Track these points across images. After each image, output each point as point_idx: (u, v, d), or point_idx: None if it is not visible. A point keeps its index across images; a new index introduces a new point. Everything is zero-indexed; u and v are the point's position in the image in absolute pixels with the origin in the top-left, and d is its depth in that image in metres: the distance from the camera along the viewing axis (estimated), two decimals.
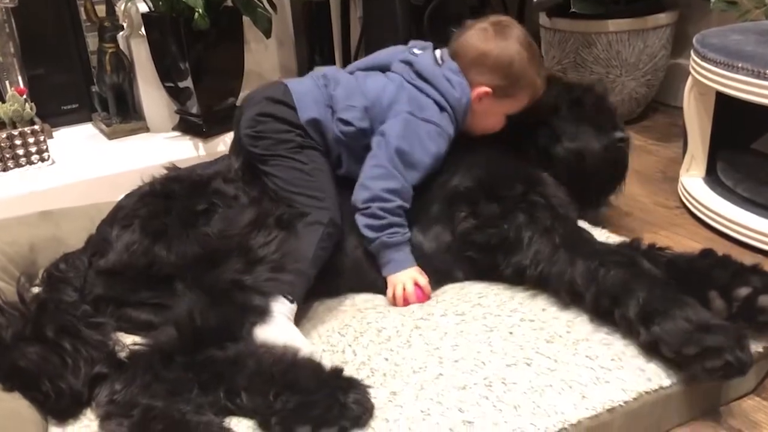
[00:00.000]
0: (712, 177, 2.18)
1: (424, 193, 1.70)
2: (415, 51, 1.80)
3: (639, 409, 1.27)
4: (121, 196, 1.68)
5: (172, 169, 1.75)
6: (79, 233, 1.73)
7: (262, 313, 1.40)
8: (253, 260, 1.44)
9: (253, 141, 1.69)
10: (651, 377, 1.31)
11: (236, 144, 1.77)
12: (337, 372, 1.28)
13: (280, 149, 1.67)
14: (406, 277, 1.61)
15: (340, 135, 1.69)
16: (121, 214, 1.58)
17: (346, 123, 1.68)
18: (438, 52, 1.80)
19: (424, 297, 1.60)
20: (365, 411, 1.22)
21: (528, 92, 1.74)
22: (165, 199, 1.58)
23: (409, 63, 1.77)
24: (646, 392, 1.28)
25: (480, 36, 1.73)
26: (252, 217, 1.52)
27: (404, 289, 1.59)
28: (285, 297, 1.46)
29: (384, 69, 1.81)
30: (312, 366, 1.28)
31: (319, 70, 1.82)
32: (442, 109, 1.71)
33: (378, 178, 1.64)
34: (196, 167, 1.78)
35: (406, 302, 1.59)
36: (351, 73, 1.81)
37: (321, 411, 1.19)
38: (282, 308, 1.45)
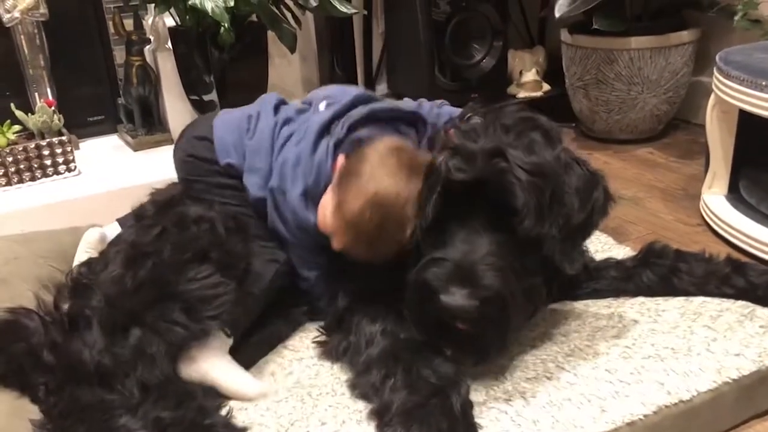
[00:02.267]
0: (734, 195, 2.17)
1: None
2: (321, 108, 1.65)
3: (659, 422, 1.27)
4: None
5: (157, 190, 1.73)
6: None
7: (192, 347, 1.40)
8: (187, 297, 1.40)
9: (188, 183, 1.66)
10: (671, 391, 1.31)
11: None
12: None
13: (215, 194, 1.62)
14: None
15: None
16: (114, 240, 1.62)
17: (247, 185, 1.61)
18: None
19: None
20: None
21: (343, 229, 1.49)
22: (137, 220, 1.60)
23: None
24: (666, 406, 1.28)
25: None
26: (202, 245, 1.46)
27: None
28: (223, 331, 1.45)
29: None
30: None
31: (249, 109, 1.70)
32: (307, 205, 1.59)
33: None
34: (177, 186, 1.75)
35: None
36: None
37: None
38: (217, 342, 1.44)
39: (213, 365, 1.41)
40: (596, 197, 1.39)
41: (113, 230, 1.75)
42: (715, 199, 2.18)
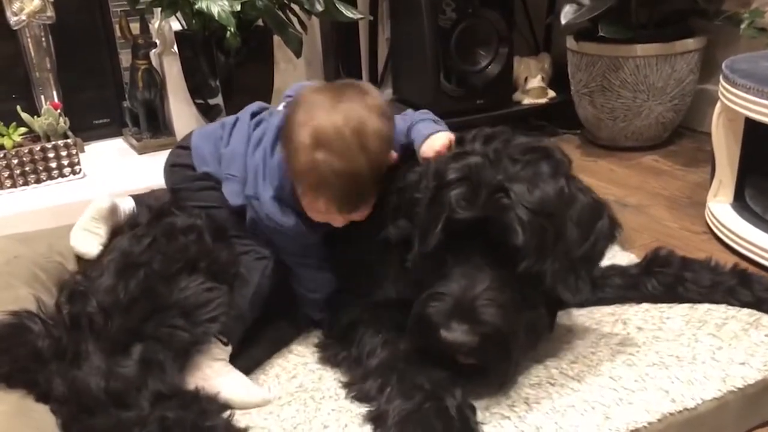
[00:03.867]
0: (740, 203, 2.16)
1: None
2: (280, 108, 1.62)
3: (663, 430, 1.27)
4: None
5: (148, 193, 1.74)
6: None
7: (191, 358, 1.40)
8: (182, 304, 1.40)
9: (176, 194, 1.65)
10: (675, 398, 1.30)
11: None
12: None
13: (197, 198, 1.60)
14: None
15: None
16: (107, 249, 1.61)
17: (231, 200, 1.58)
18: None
19: None
20: None
21: (303, 189, 1.44)
22: (130, 228, 1.59)
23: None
24: (671, 414, 1.28)
25: None
26: (190, 256, 1.47)
27: None
28: (219, 339, 1.44)
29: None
30: None
31: (229, 120, 1.66)
32: (281, 206, 1.56)
33: None
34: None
35: None
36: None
37: None
38: (217, 352, 1.44)
39: (215, 375, 1.41)
40: (600, 227, 1.38)
41: (127, 204, 1.74)
42: (720, 208, 2.17)
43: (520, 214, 1.26)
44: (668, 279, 1.65)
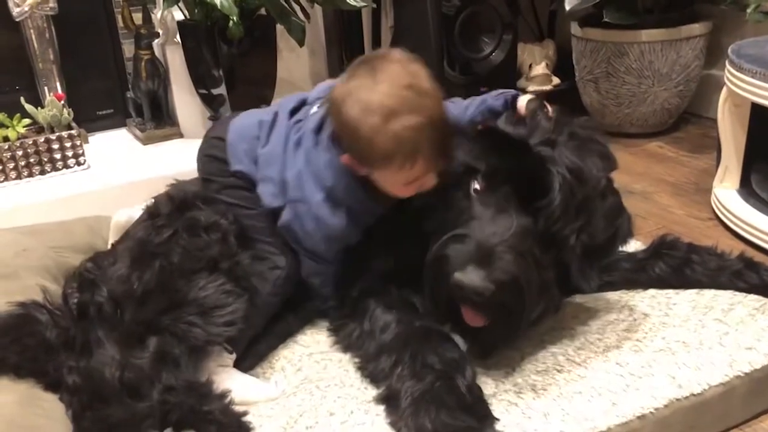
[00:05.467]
0: (746, 189, 2.15)
1: None
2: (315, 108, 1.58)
3: (670, 416, 1.27)
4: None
5: (174, 185, 1.71)
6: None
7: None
8: (201, 303, 1.40)
9: (203, 182, 1.65)
10: (682, 384, 1.30)
11: None
12: None
13: (225, 195, 1.60)
14: None
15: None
16: (123, 236, 1.60)
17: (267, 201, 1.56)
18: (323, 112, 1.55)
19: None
20: None
21: (387, 166, 1.37)
22: (150, 218, 1.56)
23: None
24: (677, 399, 1.28)
25: None
26: (212, 255, 1.46)
27: None
28: (224, 347, 1.43)
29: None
30: None
31: (264, 117, 1.63)
32: (333, 204, 1.52)
33: None
34: (196, 183, 1.72)
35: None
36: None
37: None
38: (224, 359, 1.44)
39: (222, 375, 1.42)
40: (620, 223, 1.42)
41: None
42: (726, 194, 2.17)
43: (559, 169, 1.29)
44: (675, 261, 1.65)
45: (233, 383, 1.41)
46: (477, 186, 1.36)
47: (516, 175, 1.32)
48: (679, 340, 1.44)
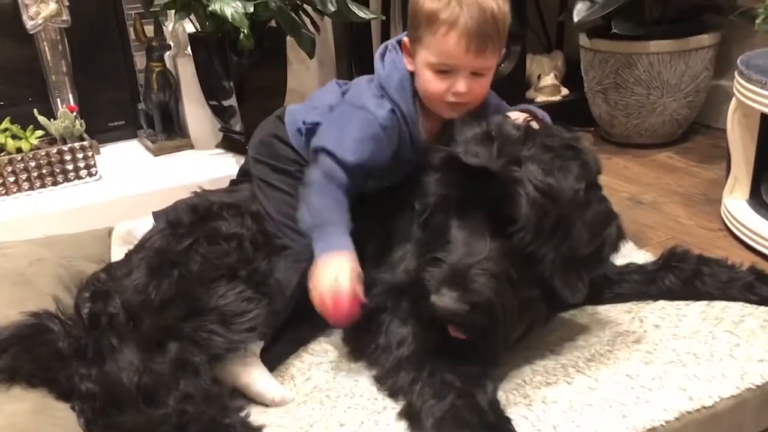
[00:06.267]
0: (756, 199, 2.15)
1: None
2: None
3: (681, 429, 1.26)
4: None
5: (199, 194, 1.73)
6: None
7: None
8: (222, 310, 1.41)
9: (255, 164, 1.69)
10: (693, 396, 1.30)
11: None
12: None
13: (273, 178, 1.64)
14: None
15: (305, 139, 1.63)
16: (137, 246, 1.61)
17: (304, 124, 1.64)
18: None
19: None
20: None
21: (430, 29, 1.44)
22: (171, 229, 1.56)
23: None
24: (688, 412, 1.27)
25: None
26: (231, 263, 1.48)
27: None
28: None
29: None
30: None
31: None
32: (381, 96, 1.55)
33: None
34: (221, 193, 1.76)
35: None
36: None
37: None
38: (252, 347, 1.45)
39: (246, 369, 1.43)
40: (608, 233, 1.40)
41: (146, 223, 1.76)
42: (736, 204, 2.16)
43: (526, 189, 1.27)
44: (685, 274, 1.64)
45: (259, 375, 1.43)
46: (453, 212, 1.36)
47: (485, 200, 1.31)
48: (689, 351, 1.44)
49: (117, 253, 1.80)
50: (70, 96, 2.84)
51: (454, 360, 1.34)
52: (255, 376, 1.43)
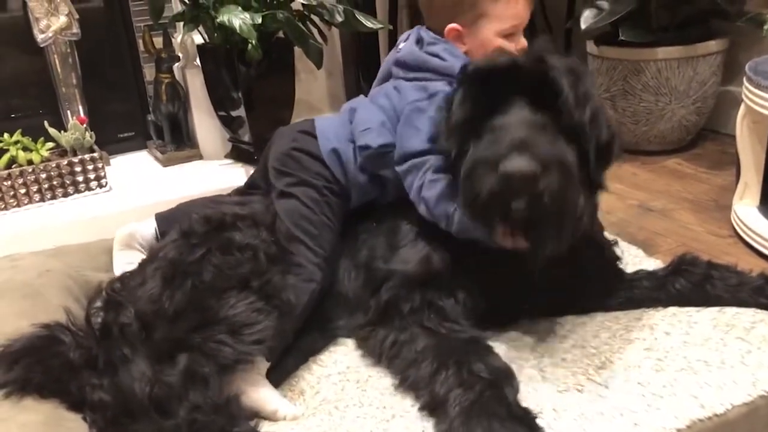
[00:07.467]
0: (766, 206, 2.14)
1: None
2: (400, 46, 1.74)
3: None
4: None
5: (204, 200, 1.75)
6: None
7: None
8: (231, 321, 1.40)
9: (278, 175, 1.68)
10: (704, 404, 1.28)
11: (260, 178, 1.79)
12: None
13: (297, 191, 1.63)
14: None
15: (363, 162, 1.64)
16: (150, 256, 1.60)
17: (364, 148, 1.62)
18: (416, 32, 1.73)
19: None
20: None
21: (496, 1, 1.63)
22: (184, 239, 1.55)
23: (398, 62, 1.71)
24: (700, 420, 1.26)
25: None
26: (244, 273, 1.47)
27: None
28: (264, 356, 1.44)
29: (389, 78, 1.76)
30: None
31: (348, 105, 1.77)
32: (428, 94, 1.61)
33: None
34: (233, 206, 1.74)
35: None
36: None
37: None
38: (259, 366, 1.45)
39: (253, 387, 1.42)
40: (614, 127, 1.45)
41: (148, 226, 1.80)
42: (746, 210, 2.15)
43: (558, 65, 1.32)
44: (696, 277, 1.63)
45: (264, 394, 1.42)
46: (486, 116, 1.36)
47: (519, 87, 1.33)
48: (700, 359, 1.42)
49: (118, 257, 1.80)
50: (80, 108, 2.86)
51: (482, 354, 1.34)
52: (263, 396, 1.43)
